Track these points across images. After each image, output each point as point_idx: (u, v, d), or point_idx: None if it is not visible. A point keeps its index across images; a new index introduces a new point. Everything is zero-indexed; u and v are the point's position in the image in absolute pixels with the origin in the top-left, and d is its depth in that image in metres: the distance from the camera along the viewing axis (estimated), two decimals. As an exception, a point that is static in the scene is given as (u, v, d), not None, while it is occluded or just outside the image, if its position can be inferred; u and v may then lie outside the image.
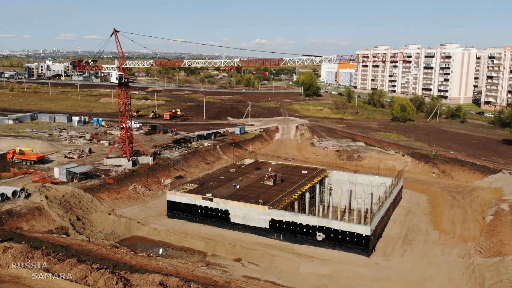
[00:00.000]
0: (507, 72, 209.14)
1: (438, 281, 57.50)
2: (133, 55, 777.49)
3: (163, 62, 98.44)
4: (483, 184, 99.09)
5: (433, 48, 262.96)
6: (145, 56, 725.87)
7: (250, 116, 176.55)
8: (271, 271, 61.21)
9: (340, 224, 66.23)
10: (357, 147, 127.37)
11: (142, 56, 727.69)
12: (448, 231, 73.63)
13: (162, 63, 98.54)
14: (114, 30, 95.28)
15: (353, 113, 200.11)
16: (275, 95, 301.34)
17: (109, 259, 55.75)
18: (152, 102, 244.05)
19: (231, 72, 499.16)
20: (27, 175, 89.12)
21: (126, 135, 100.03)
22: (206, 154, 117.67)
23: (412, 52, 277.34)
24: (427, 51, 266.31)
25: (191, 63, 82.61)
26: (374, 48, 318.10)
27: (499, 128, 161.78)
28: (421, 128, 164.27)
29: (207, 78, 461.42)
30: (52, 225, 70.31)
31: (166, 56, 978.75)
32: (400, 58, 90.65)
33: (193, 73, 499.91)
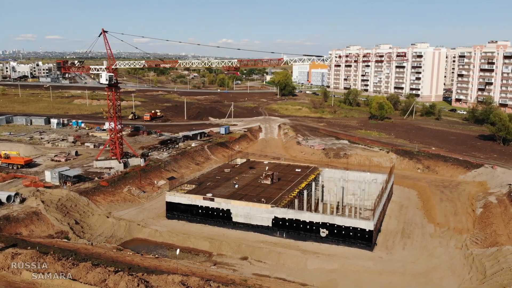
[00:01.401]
0: (477, 70, 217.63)
1: (442, 272, 59.75)
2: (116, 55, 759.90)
3: (156, 63, 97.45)
4: (467, 178, 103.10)
5: (405, 48, 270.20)
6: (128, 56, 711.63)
7: (228, 116, 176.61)
8: (279, 268, 61.96)
9: (343, 220, 67.75)
10: (342, 145, 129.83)
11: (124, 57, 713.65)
12: (442, 224, 76.42)
13: (155, 63, 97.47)
14: (102, 30, 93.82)
15: (331, 112, 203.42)
16: (251, 95, 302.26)
17: (120, 261, 55.21)
18: (128, 103, 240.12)
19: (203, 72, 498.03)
20: (16, 179, 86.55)
21: (116, 137, 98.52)
22: (195, 154, 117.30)
23: (384, 52, 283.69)
24: (398, 50, 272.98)
25: (186, 63, 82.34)
26: (346, 48, 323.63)
27: (473, 124, 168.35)
28: (399, 125, 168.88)
29: (179, 78, 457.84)
30: (51, 230, 68.71)
31: (131, 56, 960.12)
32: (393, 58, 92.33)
33: (163, 73, 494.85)
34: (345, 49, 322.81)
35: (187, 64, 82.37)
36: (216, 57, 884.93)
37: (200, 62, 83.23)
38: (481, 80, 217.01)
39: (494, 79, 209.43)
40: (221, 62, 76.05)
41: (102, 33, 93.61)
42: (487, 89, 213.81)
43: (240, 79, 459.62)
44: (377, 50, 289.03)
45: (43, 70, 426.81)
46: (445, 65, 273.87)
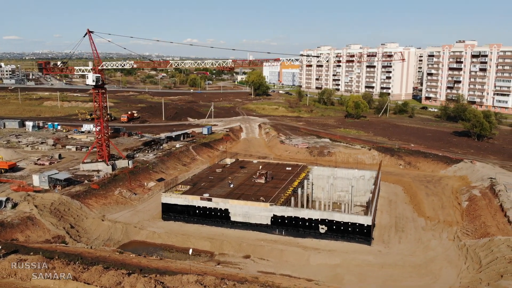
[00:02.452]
0: (446, 69, 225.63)
1: (439, 263, 62.21)
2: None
3: (146, 63, 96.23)
4: (448, 173, 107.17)
5: (375, 48, 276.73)
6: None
7: (208, 117, 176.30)
8: (283, 265, 62.90)
9: (342, 216, 69.36)
10: (324, 144, 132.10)
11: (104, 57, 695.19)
12: (432, 217, 79.31)
13: (145, 64, 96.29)
14: (88, 30, 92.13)
15: (308, 111, 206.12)
16: (225, 94, 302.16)
17: (127, 264, 54.65)
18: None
19: (172, 72, 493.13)
20: (1, 184, 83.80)
21: (103, 139, 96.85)
22: (180, 155, 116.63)
23: (354, 52, 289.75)
24: (369, 50, 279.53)
25: (179, 63, 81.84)
26: (317, 49, 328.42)
27: (446, 121, 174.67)
28: (375, 123, 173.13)
29: (148, 79, 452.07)
30: (48, 235, 67.11)
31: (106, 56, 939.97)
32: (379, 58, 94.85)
33: (130, 74, 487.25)
34: (316, 49, 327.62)
35: (179, 65, 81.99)
36: (182, 57, 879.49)
37: (193, 62, 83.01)
38: (450, 79, 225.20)
39: (463, 77, 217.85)
40: (215, 63, 76.22)
41: (87, 34, 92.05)
42: (456, 87, 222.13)
43: (210, 79, 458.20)
44: (348, 50, 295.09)
45: (6, 71, 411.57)
46: (414, 64, 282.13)
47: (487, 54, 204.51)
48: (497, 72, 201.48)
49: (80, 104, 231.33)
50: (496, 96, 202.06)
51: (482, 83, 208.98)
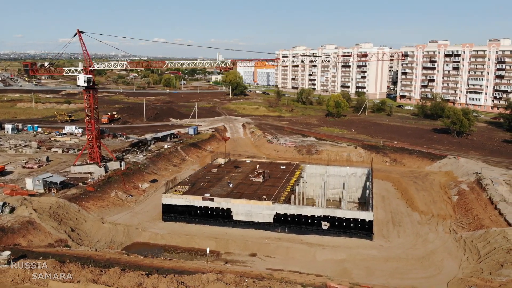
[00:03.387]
0: (420, 68, 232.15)
1: (440, 255, 64.59)
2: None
3: (141, 63, 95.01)
4: (433, 168, 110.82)
5: (350, 48, 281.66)
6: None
7: (191, 117, 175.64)
8: (290, 262, 63.89)
9: (344, 212, 71.02)
10: (311, 142, 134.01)
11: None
12: (426, 211, 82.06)
13: (140, 64, 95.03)
14: (77, 31, 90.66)
15: (288, 110, 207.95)
16: (202, 95, 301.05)
17: (141, 265, 54.39)
18: (77, 106, 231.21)
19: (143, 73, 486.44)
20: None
21: (94, 141, 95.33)
22: (170, 156, 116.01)
23: (330, 52, 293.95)
24: (344, 50, 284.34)
25: (175, 64, 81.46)
26: (292, 49, 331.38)
27: (423, 119, 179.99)
28: (356, 122, 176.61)
29: (120, 79, 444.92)
30: (50, 239, 65.82)
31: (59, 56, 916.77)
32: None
33: (100, 74, 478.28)
34: (291, 50, 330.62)
35: (175, 65, 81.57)
36: (149, 57, 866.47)
37: (190, 63, 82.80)
38: (424, 78, 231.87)
39: (436, 76, 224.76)
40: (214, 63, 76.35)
41: (77, 34, 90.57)
42: (430, 86, 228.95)
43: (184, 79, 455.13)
44: (323, 51, 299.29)
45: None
46: (388, 64, 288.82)
47: (459, 54, 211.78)
48: (470, 71, 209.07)
49: (55, 106, 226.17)
50: (469, 94, 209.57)
51: (455, 81, 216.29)
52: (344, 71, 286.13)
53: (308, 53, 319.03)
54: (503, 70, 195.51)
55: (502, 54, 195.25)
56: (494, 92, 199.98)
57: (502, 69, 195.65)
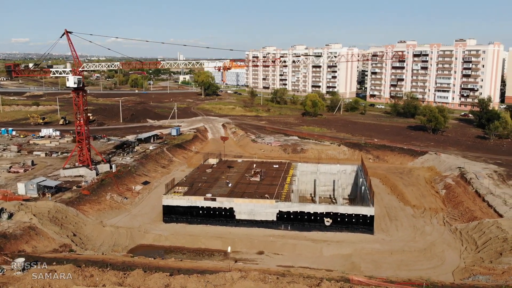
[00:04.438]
0: (389, 68, 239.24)
1: (440, 246, 67.49)
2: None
3: (134, 64, 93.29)
4: (416, 164, 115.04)
5: (321, 48, 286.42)
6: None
7: (171, 117, 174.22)
8: (298, 258, 65.09)
9: (346, 208, 72.96)
10: (294, 141, 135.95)
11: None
12: (418, 206, 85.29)
13: (133, 65, 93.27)
14: (65, 31, 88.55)
15: (265, 110, 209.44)
16: (173, 95, 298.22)
17: (158, 266, 54.07)
18: (45, 108, 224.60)
19: (109, 73, 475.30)
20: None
21: (84, 143, 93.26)
22: (157, 157, 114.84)
23: (300, 52, 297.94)
24: (315, 51, 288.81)
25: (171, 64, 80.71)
26: (263, 49, 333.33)
27: (396, 117, 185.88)
28: (333, 121, 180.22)
29: (84, 79, 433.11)
30: (53, 244, 64.10)
31: (10, 57, 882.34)
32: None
33: (34, 73, 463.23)
34: (261, 50, 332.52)
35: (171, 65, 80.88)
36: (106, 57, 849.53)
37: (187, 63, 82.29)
38: (393, 77, 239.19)
39: (405, 75, 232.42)
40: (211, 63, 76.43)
41: (65, 34, 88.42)
42: (399, 85, 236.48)
43: (149, 79, 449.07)
44: (293, 51, 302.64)
45: None
46: (357, 64, 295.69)
47: (428, 54, 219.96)
48: (438, 70, 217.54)
49: (23, 108, 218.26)
50: (437, 92, 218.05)
51: (423, 80, 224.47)
52: (315, 71, 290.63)
53: (279, 54, 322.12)
54: (469, 69, 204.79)
55: (468, 53, 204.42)
56: (461, 90, 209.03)
57: (468, 68, 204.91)
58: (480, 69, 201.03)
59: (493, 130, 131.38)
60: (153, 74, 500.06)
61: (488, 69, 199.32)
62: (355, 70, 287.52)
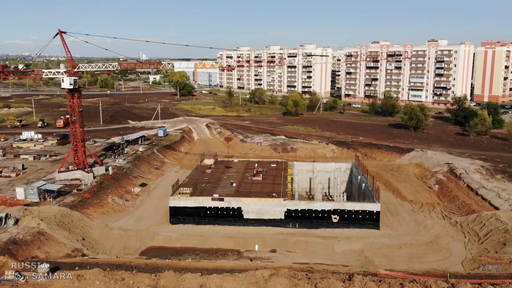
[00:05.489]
0: (363, 68, 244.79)
1: (445, 239, 70.22)
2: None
3: (133, 64, 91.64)
4: (404, 161, 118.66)
5: (295, 49, 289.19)
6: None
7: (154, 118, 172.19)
8: (312, 255, 66.31)
9: (353, 205, 74.69)
10: (282, 141, 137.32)
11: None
12: (415, 201, 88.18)
13: (131, 65, 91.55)
14: (59, 31, 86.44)
15: (245, 110, 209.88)
16: (147, 95, 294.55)
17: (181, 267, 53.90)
18: (17, 110, 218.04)
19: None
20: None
21: (79, 145, 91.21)
22: (149, 159, 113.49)
23: (275, 53, 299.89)
24: (289, 51, 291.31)
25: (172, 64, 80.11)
26: (237, 49, 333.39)
27: (375, 115, 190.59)
28: (314, 120, 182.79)
29: (51, 80, 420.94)
30: (65, 249, 62.63)
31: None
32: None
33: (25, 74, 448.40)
34: (235, 50, 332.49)
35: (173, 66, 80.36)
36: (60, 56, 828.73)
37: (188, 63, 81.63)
38: (368, 77, 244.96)
39: (379, 75, 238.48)
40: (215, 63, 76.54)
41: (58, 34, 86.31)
42: (373, 84, 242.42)
43: (118, 79, 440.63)
44: (268, 51, 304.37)
45: None
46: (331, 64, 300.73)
47: (401, 53, 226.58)
48: (411, 69, 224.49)
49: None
50: (411, 91, 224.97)
51: (397, 79, 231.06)
52: (290, 71, 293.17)
53: (253, 54, 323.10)
54: (442, 68, 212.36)
55: (441, 53, 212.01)
56: (434, 89, 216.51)
57: (441, 68, 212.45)
58: (452, 68, 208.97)
59: (473, 127, 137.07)
60: (121, 74, 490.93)
61: (460, 68, 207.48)
62: (329, 70, 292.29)
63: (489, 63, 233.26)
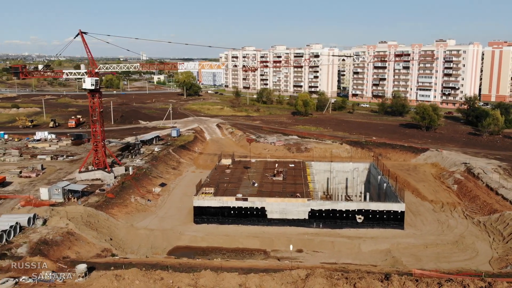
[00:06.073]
0: (371, 68, 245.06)
1: (470, 239, 70.38)
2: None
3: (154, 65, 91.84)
4: (419, 161, 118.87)
5: (302, 49, 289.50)
6: None
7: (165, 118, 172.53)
8: (339, 255, 66.52)
9: (377, 205, 74.90)
10: (296, 141, 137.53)
11: None
12: (435, 201, 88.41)
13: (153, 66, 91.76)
14: (79, 31, 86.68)
15: (254, 110, 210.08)
16: (153, 95, 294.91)
17: (214, 267, 54.15)
18: (26, 111, 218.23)
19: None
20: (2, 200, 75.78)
21: (100, 145, 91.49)
22: (166, 159, 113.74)
23: (281, 53, 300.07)
24: (296, 51, 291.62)
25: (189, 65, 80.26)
26: (242, 49, 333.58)
27: (385, 115, 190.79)
28: (325, 120, 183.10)
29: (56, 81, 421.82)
30: (95, 249, 62.91)
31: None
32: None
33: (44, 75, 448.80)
34: (241, 50, 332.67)
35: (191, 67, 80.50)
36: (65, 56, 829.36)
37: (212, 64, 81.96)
38: (375, 77, 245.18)
39: (387, 75, 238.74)
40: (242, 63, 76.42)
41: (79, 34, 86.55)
42: (381, 84, 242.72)
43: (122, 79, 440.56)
44: (274, 51, 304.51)
45: None
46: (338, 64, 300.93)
47: (409, 53, 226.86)
48: (419, 69, 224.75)
49: (3, 111, 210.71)
50: (419, 91, 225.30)
51: (405, 79, 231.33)
52: (296, 71, 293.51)
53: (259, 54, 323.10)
54: (450, 68, 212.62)
55: (449, 53, 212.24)
56: (442, 89, 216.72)
57: (449, 68, 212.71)
58: (461, 68, 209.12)
59: (486, 127, 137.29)
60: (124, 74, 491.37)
61: (469, 68, 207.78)
62: (336, 70, 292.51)
63: (496, 63, 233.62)
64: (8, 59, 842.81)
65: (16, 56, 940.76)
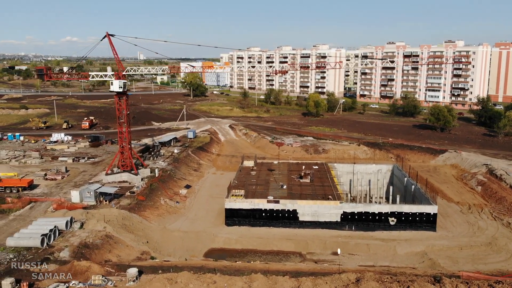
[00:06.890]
0: (379, 68, 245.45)
1: (502, 240, 70.65)
2: None
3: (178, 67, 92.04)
4: (438, 162, 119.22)
5: (309, 49, 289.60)
6: None
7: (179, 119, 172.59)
8: (375, 257, 66.76)
9: (410, 207, 75.20)
10: (312, 142, 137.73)
11: None
12: (461, 202, 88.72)
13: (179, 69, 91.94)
14: (107, 33, 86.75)
15: (264, 111, 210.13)
16: (159, 96, 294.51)
17: (262, 270, 54.37)
18: (35, 112, 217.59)
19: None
20: (35, 203, 75.83)
21: (127, 148, 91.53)
22: (186, 161, 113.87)
23: (287, 53, 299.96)
24: (302, 52, 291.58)
25: (225, 67, 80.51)
26: (247, 50, 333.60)
27: (396, 116, 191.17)
28: (337, 120, 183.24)
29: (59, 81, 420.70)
30: (134, 252, 63.07)
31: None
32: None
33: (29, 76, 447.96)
34: (246, 51, 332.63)
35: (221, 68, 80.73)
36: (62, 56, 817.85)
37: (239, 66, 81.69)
38: (384, 77, 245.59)
39: (396, 75, 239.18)
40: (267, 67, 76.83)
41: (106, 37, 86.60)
42: (389, 85, 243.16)
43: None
44: (280, 52, 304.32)
45: None
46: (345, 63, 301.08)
47: (418, 54, 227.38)
48: (428, 70, 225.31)
49: (12, 112, 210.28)
50: (428, 92, 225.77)
51: (414, 80, 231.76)
52: (303, 72, 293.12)
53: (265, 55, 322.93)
54: (460, 69, 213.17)
55: (458, 54, 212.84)
56: (452, 89, 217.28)
57: (459, 68, 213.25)
58: (470, 69, 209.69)
59: (502, 128, 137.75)
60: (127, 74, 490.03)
61: (478, 69, 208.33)
62: (343, 70, 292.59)
63: (504, 64, 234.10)
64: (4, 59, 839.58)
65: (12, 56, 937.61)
